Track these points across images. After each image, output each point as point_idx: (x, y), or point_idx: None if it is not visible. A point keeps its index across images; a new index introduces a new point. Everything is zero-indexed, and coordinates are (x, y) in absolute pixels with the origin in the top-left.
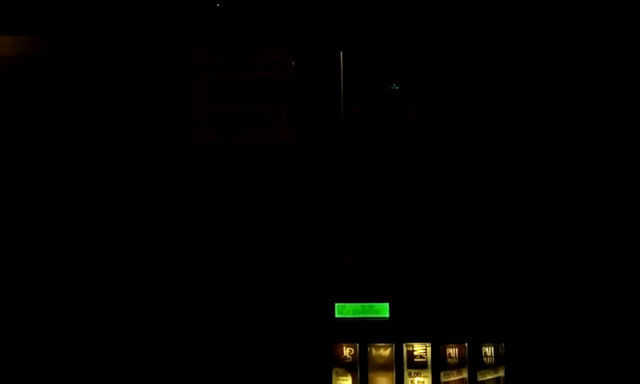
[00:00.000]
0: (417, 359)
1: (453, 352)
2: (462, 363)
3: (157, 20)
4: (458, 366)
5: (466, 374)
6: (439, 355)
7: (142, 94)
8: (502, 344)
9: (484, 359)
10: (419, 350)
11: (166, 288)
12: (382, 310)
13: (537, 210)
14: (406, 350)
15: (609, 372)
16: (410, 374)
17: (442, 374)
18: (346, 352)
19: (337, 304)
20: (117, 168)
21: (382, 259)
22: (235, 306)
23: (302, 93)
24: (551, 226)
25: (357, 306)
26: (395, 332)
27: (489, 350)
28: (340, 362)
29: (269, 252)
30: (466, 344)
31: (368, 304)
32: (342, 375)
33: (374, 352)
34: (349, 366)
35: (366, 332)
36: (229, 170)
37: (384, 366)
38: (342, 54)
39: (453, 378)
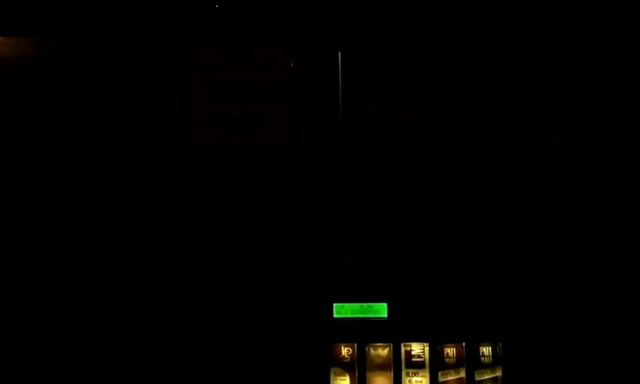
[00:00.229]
0: (415, 359)
1: (450, 352)
2: (459, 363)
3: (156, 21)
4: (455, 366)
5: (463, 374)
6: (437, 355)
7: (140, 95)
8: (500, 344)
9: (481, 359)
10: (417, 349)
11: (164, 287)
12: (380, 310)
13: (534, 210)
14: (403, 349)
15: (608, 372)
16: (408, 374)
17: (439, 374)
18: (344, 352)
19: (335, 304)
20: (116, 168)
21: (381, 259)
22: (233, 306)
23: (300, 93)
24: (549, 226)
25: (355, 305)
26: (393, 332)
27: (486, 350)
28: (338, 361)
29: (267, 252)
30: (464, 344)
31: (366, 304)
32: (340, 375)
33: (372, 352)
34: (347, 366)
35: (364, 332)
36: (227, 171)
37: (382, 366)
38: (340, 55)
39: (450, 377)
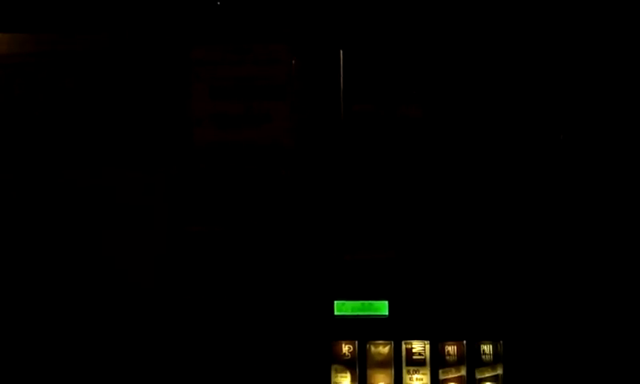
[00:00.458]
0: (415, 357)
1: (451, 350)
2: (460, 361)
3: (157, 18)
4: (456, 364)
5: (464, 372)
6: (438, 353)
7: (142, 91)
8: (501, 342)
9: (482, 357)
10: (418, 347)
11: (165, 284)
12: (381, 308)
13: (536, 209)
14: (404, 347)
15: (609, 370)
16: (409, 372)
17: (440, 372)
18: (345, 349)
19: (336, 301)
20: (117, 164)
21: (382, 257)
22: (235, 304)
23: (302, 91)
24: (550, 224)
25: (356, 303)
26: (394, 330)
27: (487, 348)
28: (339, 359)
29: (269, 249)
30: (465, 342)
31: (367, 302)
32: (340, 372)
33: (372, 349)
34: (348, 364)
35: (365, 329)
36: (229, 168)
37: (383, 364)
38: (342, 53)
39: (451, 375)
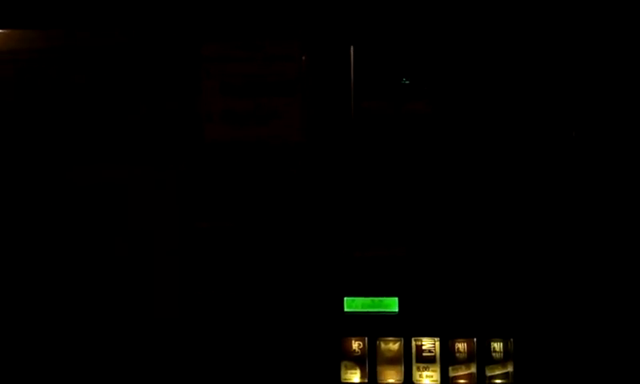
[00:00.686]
0: (425, 354)
1: (461, 347)
2: (470, 358)
3: (168, 14)
4: (466, 361)
5: (474, 369)
6: (448, 350)
7: (153, 88)
8: (511, 339)
9: (493, 354)
10: (428, 344)
11: (177, 279)
12: (391, 305)
13: (547, 206)
14: (414, 344)
15: (619, 368)
16: (419, 368)
17: (450, 369)
18: (355, 346)
19: (346, 298)
20: (128, 160)
21: (392, 254)
22: (245, 299)
23: (312, 87)
24: (562, 222)
25: (366, 300)
26: (404, 326)
27: (498, 346)
28: (349, 355)
29: (279, 245)
30: (475, 339)
31: (377, 298)
32: (350, 369)
33: (382, 346)
34: (357, 360)
35: (374, 326)
36: (240, 164)
37: (392, 360)
38: (352, 49)
39: (461, 372)
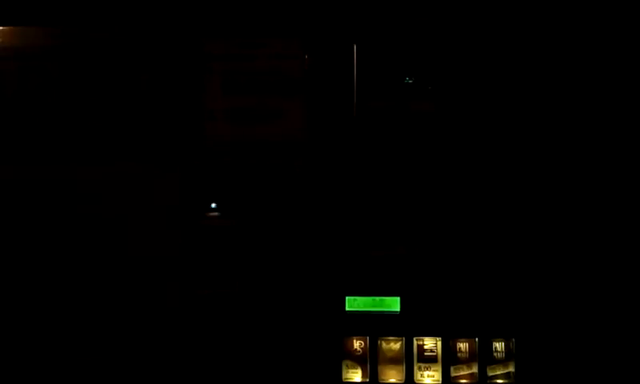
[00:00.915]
0: (427, 353)
1: (463, 347)
2: (472, 358)
3: (171, 12)
4: (468, 361)
5: (476, 369)
6: (449, 350)
7: (155, 86)
8: (513, 339)
9: (494, 354)
10: (429, 344)
11: (178, 277)
12: (393, 304)
13: (550, 206)
14: (416, 344)
15: (621, 368)
16: (420, 368)
17: (452, 369)
18: (357, 345)
19: (347, 297)
20: (130, 159)
21: (394, 253)
22: (247, 298)
23: (315, 86)
24: (564, 222)
25: (368, 299)
26: (406, 326)
27: (499, 345)
28: (350, 354)
29: (281, 244)
30: (477, 339)
31: (379, 298)
32: (351, 368)
33: (384, 345)
34: (359, 359)
35: (376, 325)
36: (242, 162)
37: (394, 360)
38: (355, 48)
39: (463, 372)
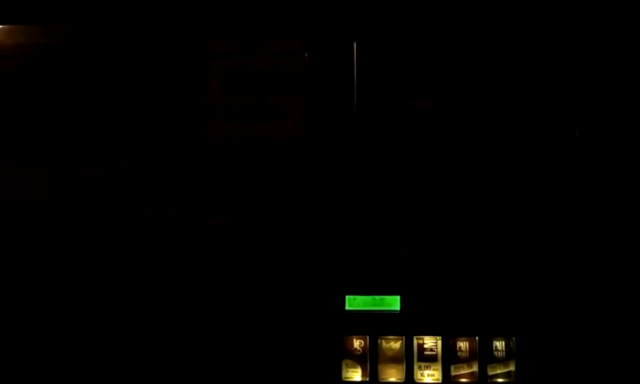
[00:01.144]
0: (427, 352)
1: (463, 346)
2: (472, 357)
3: (170, 10)
4: (468, 360)
5: (476, 368)
6: (450, 349)
7: (154, 85)
8: (513, 338)
9: (495, 353)
10: (430, 343)
11: (178, 276)
12: (393, 303)
13: (550, 205)
14: (416, 342)
15: (620, 367)
16: (420, 367)
17: (452, 368)
18: (357, 344)
19: (347, 296)
20: (129, 157)
21: (394, 252)
22: (246, 296)
23: (315, 84)
24: (564, 221)
25: (367, 298)
26: (406, 325)
27: (500, 344)
28: (350, 354)
29: (281, 243)
30: (477, 338)
31: (379, 296)
32: (351, 367)
33: (384, 344)
34: (359, 358)
35: (376, 324)
36: (241, 161)
37: (394, 359)
38: (355, 45)
39: (463, 371)
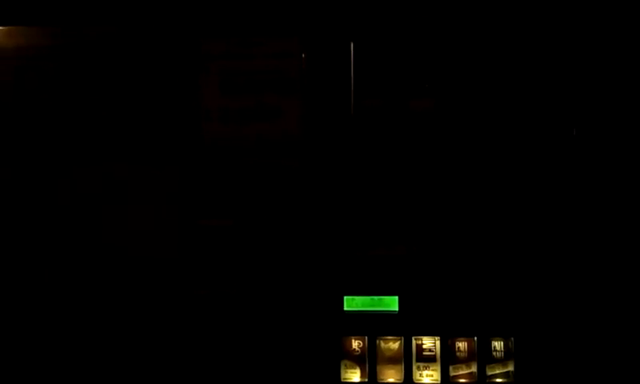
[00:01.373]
0: (426, 353)
1: (462, 346)
2: (471, 357)
3: (167, 11)
4: (467, 360)
5: (474, 368)
6: (448, 349)
7: (152, 86)
8: (512, 338)
9: (493, 353)
10: (428, 343)
11: (176, 278)
12: (392, 304)
13: (549, 205)
14: (414, 343)
15: (619, 367)
16: (419, 368)
17: (450, 368)
18: (355, 345)
19: (346, 297)
20: (127, 159)
21: (392, 252)
22: (245, 297)
23: (312, 84)
24: (563, 221)
25: (366, 298)
26: (404, 325)
27: (498, 345)
28: (349, 354)
29: (279, 243)
30: (476, 338)
31: (377, 297)
32: (350, 368)
33: (382, 345)
34: (357, 359)
35: (374, 325)
36: (239, 162)
37: (393, 359)
38: (352, 45)
39: (462, 371)
